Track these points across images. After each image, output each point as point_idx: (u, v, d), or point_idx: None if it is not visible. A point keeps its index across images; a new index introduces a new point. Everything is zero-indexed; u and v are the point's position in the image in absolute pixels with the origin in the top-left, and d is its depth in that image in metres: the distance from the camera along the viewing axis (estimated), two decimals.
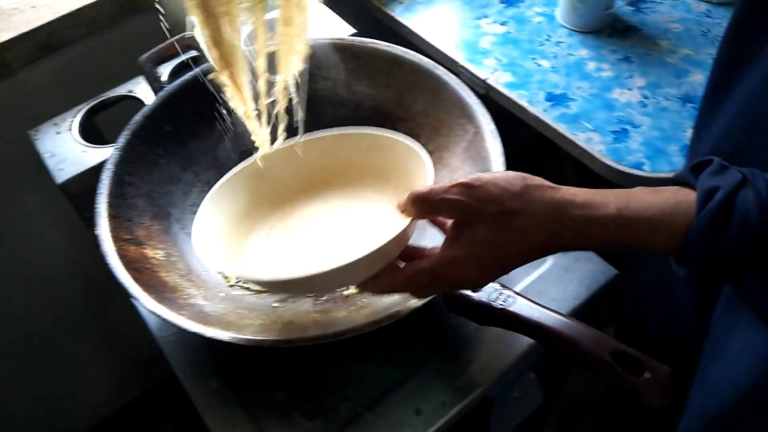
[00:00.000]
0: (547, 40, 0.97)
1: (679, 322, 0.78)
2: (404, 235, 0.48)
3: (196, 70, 0.76)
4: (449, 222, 0.47)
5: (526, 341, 0.65)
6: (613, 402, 1.10)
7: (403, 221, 0.47)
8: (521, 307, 0.50)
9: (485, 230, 0.42)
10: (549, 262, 0.71)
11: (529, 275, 0.71)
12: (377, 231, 0.59)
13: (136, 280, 0.58)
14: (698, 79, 0.89)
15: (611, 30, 0.98)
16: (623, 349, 0.44)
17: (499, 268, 0.43)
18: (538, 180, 0.43)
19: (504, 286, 0.53)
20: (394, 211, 0.50)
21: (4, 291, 1.08)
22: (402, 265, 0.50)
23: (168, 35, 0.76)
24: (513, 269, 0.43)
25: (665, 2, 1.03)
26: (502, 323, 0.51)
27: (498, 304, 0.51)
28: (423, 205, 0.45)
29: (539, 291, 0.69)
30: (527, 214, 0.41)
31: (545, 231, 0.41)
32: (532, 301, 0.50)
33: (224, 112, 0.60)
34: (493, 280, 0.45)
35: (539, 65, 0.93)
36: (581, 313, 0.68)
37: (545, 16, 1.01)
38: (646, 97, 0.87)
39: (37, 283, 1.11)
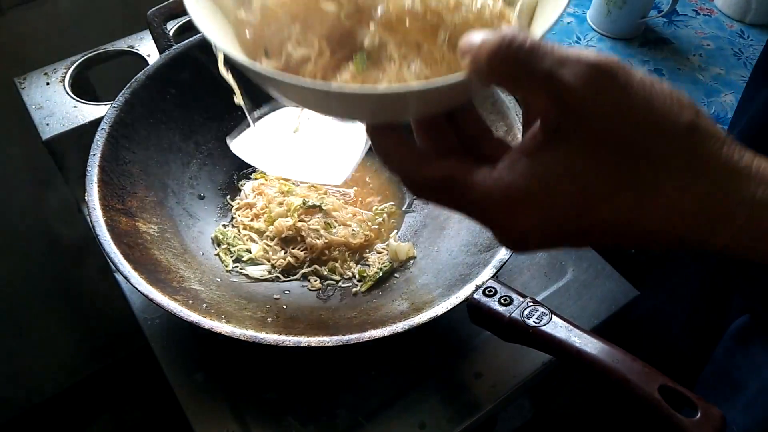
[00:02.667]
0: (577, 42, 0.93)
1: (674, 350, 0.76)
2: (462, 88, 0.28)
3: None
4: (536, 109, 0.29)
5: (541, 357, 0.61)
6: (603, 421, 1.07)
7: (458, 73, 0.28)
8: (557, 328, 0.45)
9: (593, 165, 0.24)
10: (568, 275, 0.67)
11: (547, 289, 0.67)
12: None
13: (126, 256, 0.52)
14: (728, 101, 0.86)
15: (643, 39, 0.94)
16: (674, 386, 0.40)
17: (575, 237, 0.26)
18: (711, 124, 0.25)
19: (536, 302, 0.48)
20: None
21: None
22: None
23: None
24: (594, 246, 0.27)
25: (698, 17, 0.99)
26: (533, 343, 0.47)
27: (531, 322, 0.46)
28: (510, 65, 0.24)
29: (555, 306, 0.65)
30: (678, 172, 0.24)
31: (696, 208, 0.25)
32: (569, 322, 0.46)
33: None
34: (548, 249, 0.28)
35: None
36: (599, 333, 0.65)
37: (576, 17, 0.97)
38: None
39: (4, 240, 1.03)
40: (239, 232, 0.66)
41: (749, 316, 0.61)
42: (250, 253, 0.64)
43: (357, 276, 0.64)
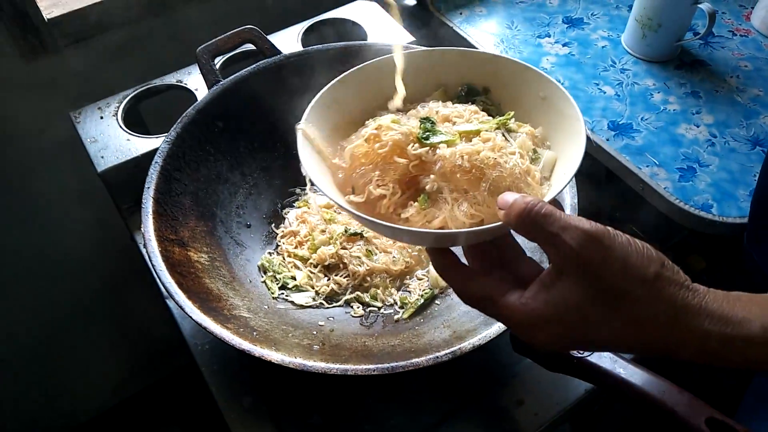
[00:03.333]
0: (612, 65, 0.93)
1: (713, 375, 0.74)
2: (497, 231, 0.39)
3: (254, 66, 0.73)
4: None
5: (584, 384, 0.61)
6: None
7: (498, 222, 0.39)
8: (602, 358, 0.46)
9: (588, 301, 0.34)
10: None
11: None
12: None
13: (180, 285, 0.55)
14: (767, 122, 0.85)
15: (678, 62, 0.94)
16: (722, 418, 0.41)
17: (582, 344, 0.36)
18: (677, 273, 0.35)
19: None
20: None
21: (28, 268, 1.05)
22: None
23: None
24: (597, 351, 0.38)
25: (734, 39, 0.99)
26: (578, 373, 0.47)
27: (576, 352, 0.47)
28: (529, 224, 0.35)
29: None
30: (645, 307, 0.34)
31: (662, 334, 0.34)
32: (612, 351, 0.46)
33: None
34: (566, 351, 0.40)
35: (603, 91, 0.89)
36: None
37: (610, 40, 0.98)
38: (714, 136, 0.83)
39: (59, 267, 1.08)
40: (284, 259, 0.69)
41: None
42: (295, 280, 0.66)
43: (399, 303, 0.65)
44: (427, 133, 0.45)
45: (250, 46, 0.77)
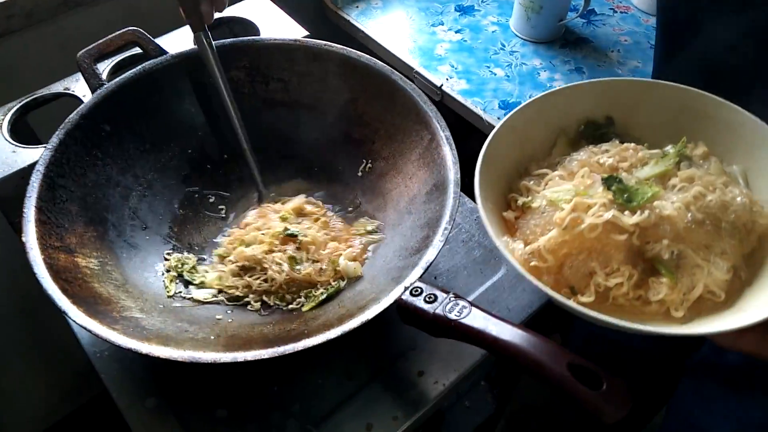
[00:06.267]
0: (501, 48, 0.97)
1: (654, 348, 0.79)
2: None
3: (139, 68, 0.72)
4: None
5: (480, 351, 0.64)
6: (562, 408, 1.10)
7: None
8: (476, 318, 0.48)
9: None
10: (502, 270, 0.71)
11: (483, 284, 0.70)
12: None
13: (65, 291, 0.54)
14: None
15: (563, 41, 0.99)
16: (580, 362, 0.43)
17: None
18: None
19: (458, 296, 0.51)
20: None
21: None
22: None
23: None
24: None
25: (615, 15, 1.05)
26: (457, 335, 0.49)
27: (453, 315, 0.49)
28: None
29: (492, 300, 0.68)
30: None
31: None
32: (487, 312, 0.49)
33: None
34: None
35: (494, 73, 0.93)
36: (534, 322, 0.68)
37: (499, 25, 1.02)
38: None
39: None
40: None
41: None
42: (204, 279, 0.66)
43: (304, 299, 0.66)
44: (626, 195, 0.39)
45: (139, 50, 0.76)
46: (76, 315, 0.52)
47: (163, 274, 0.67)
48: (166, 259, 0.68)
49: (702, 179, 0.40)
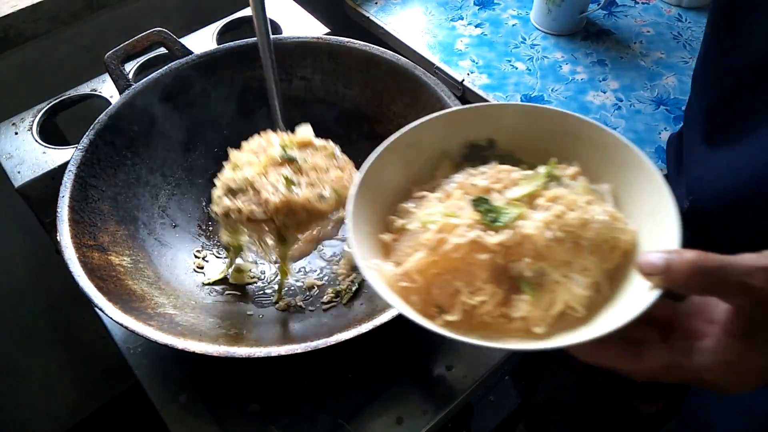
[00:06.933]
0: (522, 42, 0.97)
1: None
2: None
3: (165, 68, 0.73)
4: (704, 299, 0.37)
5: None
6: (586, 402, 1.10)
7: (649, 292, 0.35)
8: None
9: None
10: None
11: None
12: None
13: (100, 289, 0.55)
14: (670, 82, 0.90)
15: (585, 33, 0.98)
16: None
17: None
18: None
19: None
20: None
21: None
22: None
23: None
24: None
25: (637, 6, 1.04)
26: None
27: None
28: (706, 282, 0.33)
29: None
30: None
31: None
32: None
33: None
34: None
35: (515, 67, 0.93)
36: None
37: (520, 18, 1.01)
38: (620, 100, 0.88)
39: None
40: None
41: None
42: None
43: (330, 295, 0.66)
44: (492, 215, 0.40)
45: (165, 50, 0.77)
46: (112, 312, 0.53)
47: (194, 271, 0.68)
48: (196, 257, 0.69)
49: (566, 198, 0.41)
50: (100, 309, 0.53)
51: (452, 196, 0.43)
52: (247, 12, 0.95)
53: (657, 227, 0.39)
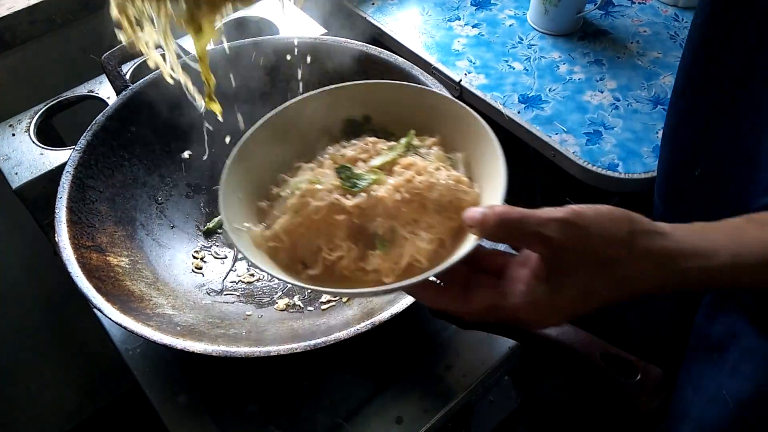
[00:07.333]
0: (519, 42, 0.97)
1: (659, 322, 0.79)
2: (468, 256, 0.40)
3: (163, 68, 0.73)
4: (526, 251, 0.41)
5: (506, 344, 0.64)
6: (585, 402, 1.10)
7: (469, 239, 0.40)
8: None
9: (581, 279, 0.37)
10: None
11: None
12: None
13: (99, 289, 0.55)
14: (667, 81, 0.90)
15: (582, 33, 0.98)
16: (614, 351, 0.43)
17: (584, 311, 0.39)
18: (645, 223, 0.38)
19: None
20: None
21: None
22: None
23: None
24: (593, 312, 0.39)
25: (634, 6, 1.04)
26: (487, 326, 0.50)
27: None
28: (509, 232, 0.38)
29: None
30: (632, 265, 0.37)
31: (649, 283, 0.38)
32: None
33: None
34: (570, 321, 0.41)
35: (512, 67, 0.93)
36: None
37: (516, 18, 1.01)
38: (617, 99, 0.88)
39: None
40: None
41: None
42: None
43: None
44: (352, 180, 0.44)
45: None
46: (111, 312, 0.53)
47: (192, 271, 0.68)
48: (194, 258, 0.69)
49: (417, 165, 0.45)
50: (99, 309, 0.53)
51: (323, 166, 0.47)
52: (244, 13, 0.95)
53: (494, 189, 0.44)
